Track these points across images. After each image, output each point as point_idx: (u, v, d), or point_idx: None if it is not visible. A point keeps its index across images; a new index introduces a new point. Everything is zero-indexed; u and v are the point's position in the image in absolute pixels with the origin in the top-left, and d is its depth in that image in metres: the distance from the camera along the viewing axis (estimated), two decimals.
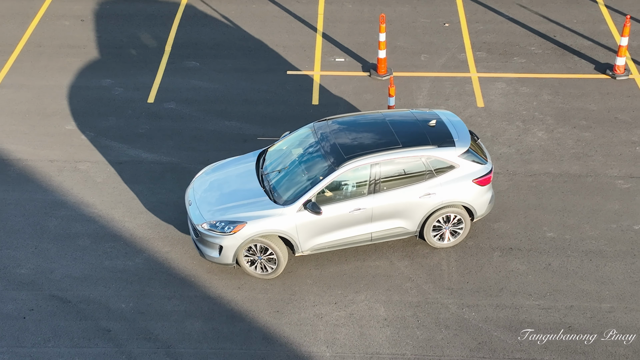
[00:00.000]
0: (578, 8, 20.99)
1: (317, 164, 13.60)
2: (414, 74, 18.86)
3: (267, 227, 13.22)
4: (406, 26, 20.48)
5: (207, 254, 13.60)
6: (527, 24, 20.46)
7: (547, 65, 19.00)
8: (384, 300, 13.48)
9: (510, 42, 19.82)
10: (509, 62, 19.14)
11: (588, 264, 14.04)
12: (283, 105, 17.96)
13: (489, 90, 18.27)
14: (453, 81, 18.59)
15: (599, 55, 19.31)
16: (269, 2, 21.55)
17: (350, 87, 18.50)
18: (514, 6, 21.17)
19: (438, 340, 12.82)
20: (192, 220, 13.65)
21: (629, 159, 16.31)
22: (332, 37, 20.15)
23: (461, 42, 19.87)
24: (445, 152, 13.67)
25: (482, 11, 21.02)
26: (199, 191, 13.95)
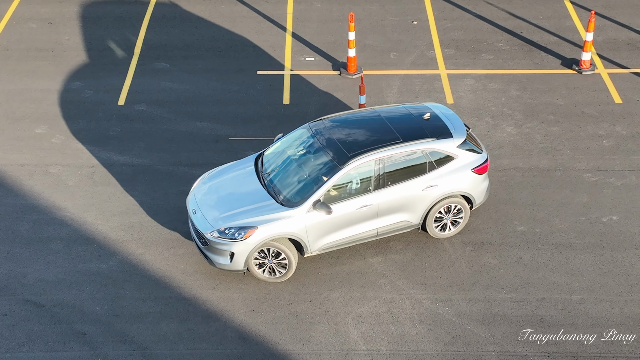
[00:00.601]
0: (543, 4, 21.23)
1: (321, 164, 13.61)
2: (383, 72, 18.99)
3: (278, 230, 13.19)
4: (375, 24, 20.61)
5: (216, 262, 13.46)
6: (494, 20, 20.66)
7: (515, 61, 19.21)
8: (359, 297, 13.58)
9: (478, 39, 20.01)
10: (477, 59, 19.32)
11: (558, 256, 14.24)
12: (254, 105, 18.01)
13: (458, 87, 18.44)
14: (422, 78, 18.74)
15: (565, 50, 19.55)
16: (237, 3, 21.58)
17: (320, 86, 18.58)
18: (481, 3, 21.36)
19: (412, 335, 12.94)
20: (198, 229, 13.46)
21: (596, 152, 16.54)
22: (302, 37, 20.23)
23: (430, 40, 20.03)
24: (444, 143, 13.90)
25: (450, 9, 21.20)
26: (202, 199, 13.78)
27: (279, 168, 13.91)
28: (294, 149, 14.12)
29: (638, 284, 13.69)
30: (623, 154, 16.44)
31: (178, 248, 14.55)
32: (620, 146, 16.67)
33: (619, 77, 18.63)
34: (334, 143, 13.79)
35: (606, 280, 13.77)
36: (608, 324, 13.02)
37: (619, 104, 17.86)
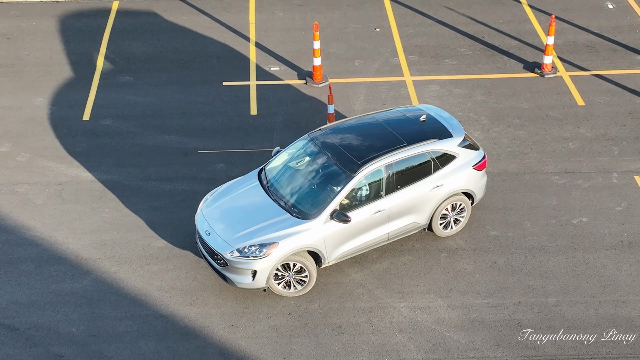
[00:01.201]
0: (503, 8, 21.47)
1: (330, 173, 13.64)
2: (349, 80, 19.04)
3: (298, 243, 13.14)
4: (338, 32, 20.66)
5: (237, 282, 13.29)
6: (456, 26, 20.84)
7: (478, 66, 19.39)
8: (337, 308, 13.59)
9: (440, 45, 20.16)
10: (441, 65, 19.47)
11: (532, 260, 14.40)
12: (222, 117, 17.94)
13: (423, 93, 18.55)
14: (388, 85, 18.83)
15: (527, 54, 19.78)
16: (199, 13, 21.48)
17: (287, 96, 18.57)
18: (441, 9, 21.53)
19: (393, 345, 12.99)
20: (215, 250, 13.29)
21: (562, 155, 16.77)
22: (266, 46, 20.20)
23: (393, 47, 20.13)
24: (446, 143, 14.19)
25: (411, 15, 21.33)
26: (214, 219, 13.58)
27: (287, 181, 13.85)
28: (299, 161, 14.08)
29: (611, 285, 13.89)
30: (589, 156, 16.69)
31: (152, 265, 14.43)
32: (586, 148, 16.91)
33: (580, 79, 18.91)
34: (341, 152, 13.83)
35: (580, 282, 13.96)
36: (584, 326, 13.19)
37: (582, 106, 18.12)
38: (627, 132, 17.30)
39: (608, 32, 20.43)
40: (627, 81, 18.78)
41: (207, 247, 13.52)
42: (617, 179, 16.11)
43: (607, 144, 17.01)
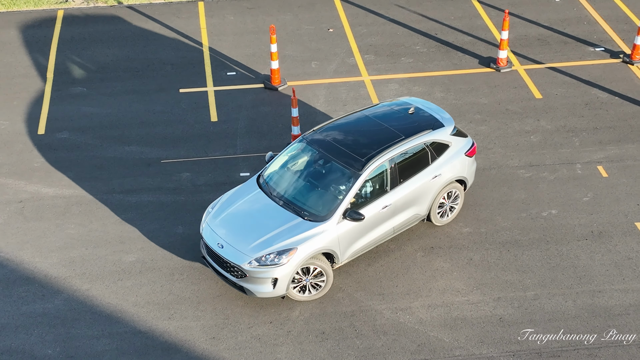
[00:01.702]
0: (453, 5, 21.59)
1: (336, 173, 13.62)
2: (307, 82, 18.92)
3: (315, 246, 13.05)
4: (291, 34, 20.52)
5: (258, 292, 13.05)
6: (408, 23, 20.88)
7: (434, 63, 19.45)
8: (319, 314, 13.47)
9: (395, 43, 20.17)
10: (397, 63, 19.48)
11: (507, 254, 14.48)
12: (182, 125, 17.65)
13: (383, 93, 18.54)
14: (347, 86, 18.77)
15: (481, 49, 19.92)
16: (147, 20, 21.12)
17: (247, 101, 18.36)
18: (392, 7, 21.56)
19: (378, 348, 12.92)
20: (232, 262, 13.03)
21: (525, 148, 16.91)
22: (220, 51, 19.95)
23: (348, 47, 20.07)
24: (440, 133, 14.40)
25: (363, 14, 21.31)
26: (224, 232, 13.32)
27: (291, 185, 13.73)
28: (299, 164, 13.99)
29: (586, 275, 14.05)
30: (551, 148, 16.86)
31: (125, 280, 14.11)
32: (548, 140, 17.09)
33: (535, 72, 19.11)
34: (342, 151, 13.80)
35: (556, 274, 14.08)
36: (564, 318, 13.32)
37: (539, 99, 18.31)
38: (585, 122, 17.54)
39: (557, 25, 20.69)
40: (581, 72, 19.05)
41: (220, 260, 13.26)
42: (581, 169, 16.31)
43: (568, 135, 17.22)
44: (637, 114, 17.73)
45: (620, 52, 19.72)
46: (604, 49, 19.83)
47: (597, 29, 20.46)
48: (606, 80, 18.74)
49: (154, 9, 21.50)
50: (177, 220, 15.25)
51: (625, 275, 14.02)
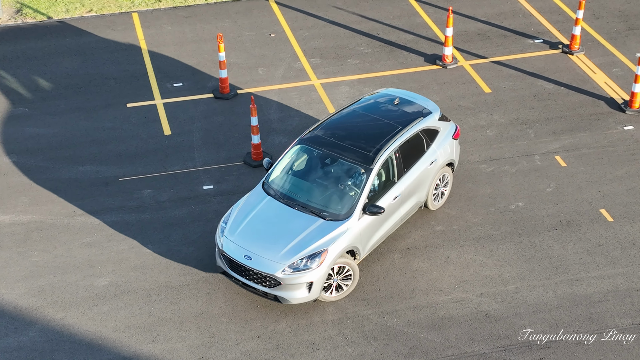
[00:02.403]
0: (390, 4, 21.66)
1: (346, 170, 13.66)
2: (257, 89, 18.68)
3: (343, 245, 13.08)
4: (233, 41, 20.24)
5: (293, 298, 12.93)
6: (349, 25, 20.85)
7: (381, 63, 19.48)
8: (306, 324, 13.29)
9: (339, 45, 20.11)
10: (344, 65, 19.42)
11: (482, 250, 14.59)
12: (135, 140, 17.18)
13: (335, 95, 18.45)
14: (298, 91, 18.61)
15: (424, 47, 20.04)
16: (82, 34, 20.52)
17: (198, 112, 18.01)
18: (330, 9, 21.49)
19: (371, 354, 12.83)
20: (264, 273, 12.85)
21: (483, 143, 17.08)
22: (162, 62, 19.52)
23: (293, 51, 19.91)
24: (430, 120, 14.71)
25: (302, 18, 21.18)
26: (248, 244, 13.11)
27: (302, 188, 13.68)
28: (305, 166, 13.96)
29: (561, 265, 14.27)
30: (508, 141, 17.08)
31: (101, 305, 13.63)
32: (503, 134, 17.30)
33: (480, 67, 19.34)
34: (347, 148, 13.86)
35: (533, 266, 14.26)
36: (547, 309, 13.48)
37: (489, 93, 18.54)
38: (537, 114, 17.83)
39: (494, 19, 20.99)
40: (524, 65, 19.36)
41: (250, 272, 13.03)
42: (540, 160, 16.57)
43: (522, 127, 17.47)
44: (584, 102, 18.11)
45: (558, 42, 20.13)
46: (543, 40, 20.21)
47: (533, 22, 20.84)
48: (550, 71, 19.10)
49: (87, 22, 20.90)
50: (146, 239, 14.84)
51: (598, 262, 14.29)
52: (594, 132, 17.26)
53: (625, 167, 16.31)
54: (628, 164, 16.38)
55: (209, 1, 21.96)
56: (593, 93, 18.39)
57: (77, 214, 15.39)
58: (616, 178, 16.05)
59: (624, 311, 13.40)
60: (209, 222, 15.17)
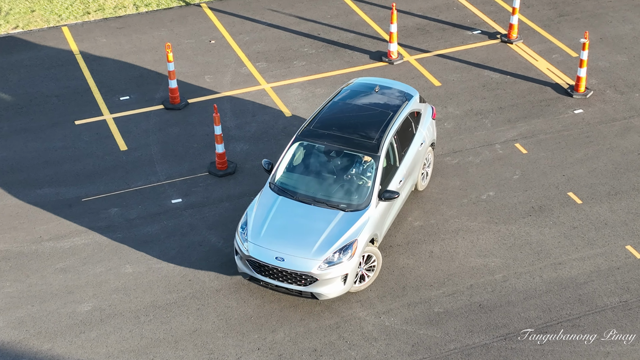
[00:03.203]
0: (325, 3, 21.61)
1: (354, 160, 13.78)
2: (208, 98, 18.34)
3: (368, 233, 13.22)
4: (174, 50, 19.81)
5: (330, 292, 12.95)
6: (288, 26, 20.70)
7: (328, 63, 19.41)
8: (304, 332, 13.10)
9: (282, 48, 19.94)
10: (291, 68, 19.27)
11: (463, 242, 14.70)
12: (91, 159, 16.60)
13: (288, 98, 18.28)
14: (250, 96, 18.36)
15: (367, 44, 20.08)
16: (12, 50, 19.71)
17: (151, 124, 17.54)
18: (266, 12, 21.30)
19: (375, 355, 12.74)
20: (300, 272, 12.77)
21: (444, 136, 17.23)
22: (104, 76, 18.94)
23: (236, 57, 19.64)
24: (414, 103, 14.98)
25: (239, 22, 20.91)
26: (276, 245, 12.99)
27: (313, 184, 13.67)
28: (309, 161, 13.90)
29: (542, 251, 14.51)
30: (467, 133, 17.28)
31: (88, 332, 13.11)
32: (461, 126, 17.49)
33: (426, 61, 19.51)
34: (349, 139, 13.95)
35: (515, 254, 14.45)
36: (538, 294, 13.69)
37: (439, 86, 18.71)
38: (489, 104, 18.10)
39: (430, 13, 21.20)
40: (468, 56, 19.63)
41: (283, 273, 12.93)
42: (501, 149, 16.82)
43: (478, 118, 17.70)
44: (532, 89, 18.49)
45: (496, 32, 20.49)
46: (481, 31, 20.54)
47: (467, 13, 21.15)
48: (493, 61, 19.42)
49: (14, 40, 20.10)
50: (122, 259, 14.35)
51: (577, 245, 14.60)
52: (547, 117, 17.63)
53: (583, 150, 16.72)
54: (585, 147, 16.80)
55: (140, 10, 21.43)
56: (538, 80, 18.79)
57: (44, 239, 14.75)
58: (577, 161, 16.44)
59: (610, 290, 13.73)
60: (184, 236, 14.79)
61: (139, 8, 21.51)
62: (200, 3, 21.69)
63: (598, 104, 18.00)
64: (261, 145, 16.92)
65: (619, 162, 16.35)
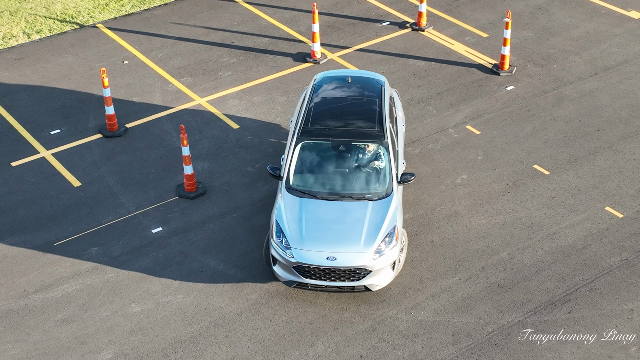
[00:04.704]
0: (226, 11, 21.18)
1: (364, 151, 13.85)
2: (145, 120, 17.53)
3: (400, 217, 13.46)
4: (87, 76, 18.78)
5: (382, 282, 13.07)
6: (198, 38, 20.14)
7: (254, 70, 19.05)
8: (342, 340, 12.83)
9: (201, 60, 19.37)
10: (219, 79, 18.77)
11: (458, 227, 14.89)
12: (46, 200, 15.44)
13: (228, 110, 17.80)
14: (189, 113, 17.71)
15: (285, 47, 19.88)
16: None
17: (96, 155, 16.54)
18: (170, 26, 20.61)
19: (421, 351, 12.68)
20: (355, 267, 12.75)
21: None
22: (23, 112, 17.65)
23: (157, 75, 18.89)
24: (387, 87, 15.23)
25: (146, 39, 20.12)
26: (321, 246, 12.88)
27: (332, 180, 13.63)
28: (321, 158, 13.82)
29: (533, 224, 14.96)
30: (418, 122, 17.50)
31: None
32: (408, 115, 17.68)
33: (349, 56, 19.56)
34: (352, 130, 13.96)
35: (510, 231, 14.81)
36: (547, 266, 14.08)
37: None
38: (426, 91, 18.41)
39: (334, 10, 21.27)
40: (387, 47, 19.87)
41: (335, 272, 12.86)
42: (456, 133, 17.18)
43: (421, 106, 17.96)
44: (460, 72, 18.98)
45: (404, 22, 20.86)
46: (389, 22, 20.84)
47: (369, 6, 21.40)
48: (414, 50, 19.77)
49: None
50: (124, 298, 13.46)
51: (562, 213, 15.17)
52: (485, 97, 18.16)
53: (530, 123, 17.37)
54: (530, 120, 17.46)
55: (32, 38, 20.14)
56: (462, 63, 19.31)
57: (30, 292, 13.58)
58: (528, 135, 17.06)
59: (608, 251, 14.36)
60: (180, 265, 14.08)
61: (31, 36, 20.21)
62: (96, 24, 20.65)
63: (524, 78, 18.74)
64: (221, 162, 16.38)
65: (566, 131, 17.11)
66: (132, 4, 21.55)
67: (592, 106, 17.76)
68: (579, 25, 20.53)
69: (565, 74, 18.81)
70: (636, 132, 17.03)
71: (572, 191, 15.60)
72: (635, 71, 18.82)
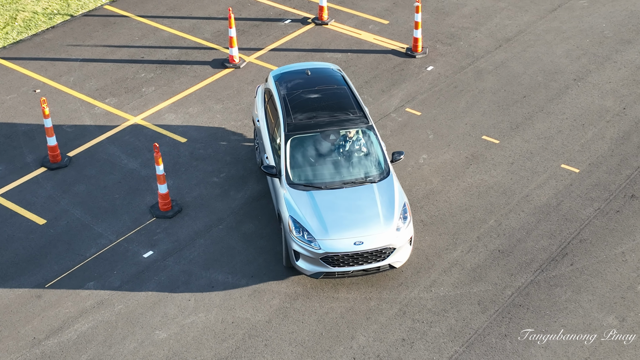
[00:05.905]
0: (122, 27, 20.60)
1: (354, 138, 14.19)
2: (87, 146, 16.79)
3: (404, 194, 13.92)
4: (1, 110, 17.69)
5: (404, 257, 13.53)
6: (104, 57, 19.46)
7: (177, 82, 18.68)
8: (379, 328, 12.97)
9: (117, 79, 18.75)
10: (144, 96, 18.25)
11: (438, 203, 15.34)
12: (15, 243, 14.48)
13: (169, 125, 17.36)
14: (129, 134, 17.12)
15: (197, 56, 19.61)
16: None
17: (49, 189, 15.68)
18: (68, 48, 19.78)
19: (455, 324, 13.05)
20: (382, 247, 13.10)
21: None
22: None
23: (77, 100, 18.11)
24: (344, 74, 15.65)
25: (49, 64, 19.23)
26: (346, 232, 13.11)
27: (330, 169, 13.90)
28: (314, 150, 14.01)
29: (506, 190, 15.68)
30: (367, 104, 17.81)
31: None
32: None
33: (266, 57, 19.58)
34: (336, 119, 14.27)
35: (488, 200, 15.46)
36: (535, 227, 14.79)
37: None
38: (355, 81, 18.76)
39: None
40: (298, 44, 20.04)
41: (363, 255, 13.14)
42: (399, 117, 17.67)
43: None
44: (378, 60, 19.48)
45: (305, 18, 21.11)
46: (291, 20, 21.02)
47: (264, 7, 21.48)
48: (325, 43, 20.08)
49: None
50: (145, 327, 12.91)
51: (526, 177, 16.02)
52: (410, 80, 18.78)
53: (463, 98, 18.17)
54: (461, 96, 18.26)
55: None
56: (376, 50, 19.84)
57: (41, 339, 12.73)
58: (465, 109, 17.84)
59: (580, 204, 15.35)
60: (188, 284, 13.67)
61: None
62: None
63: (439, 58, 19.53)
64: (184, 177, 15.98)
65: (497, 101, 18.04)
66: (16, 30, 20.44)
67: (509, 76, 18.79)
68: (466, 3, 21.58)
69: (474, 49, 19.76)
70: (557, 94, 18.21)
71: (526, 155, 16.49)
72: (534, 39, 20.08)
